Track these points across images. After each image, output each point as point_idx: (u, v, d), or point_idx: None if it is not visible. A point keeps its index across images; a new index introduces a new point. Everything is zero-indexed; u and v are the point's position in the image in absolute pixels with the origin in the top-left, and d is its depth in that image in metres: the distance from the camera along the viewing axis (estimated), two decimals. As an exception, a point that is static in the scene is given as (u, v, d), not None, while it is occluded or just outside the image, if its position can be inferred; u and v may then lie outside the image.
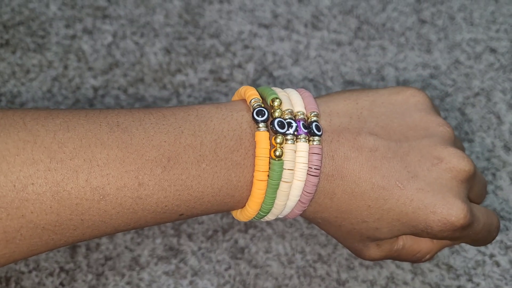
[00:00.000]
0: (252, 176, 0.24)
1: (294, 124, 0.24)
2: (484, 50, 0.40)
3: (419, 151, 0.26)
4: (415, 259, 0.28)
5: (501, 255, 0.33)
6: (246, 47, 0.39)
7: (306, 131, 0.24)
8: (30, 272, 0.31)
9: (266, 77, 0.38)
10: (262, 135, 0.24)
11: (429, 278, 0.32)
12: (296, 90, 0.26)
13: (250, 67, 0.39)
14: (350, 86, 0.38)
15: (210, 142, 0.24)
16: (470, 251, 0.33)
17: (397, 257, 0.28)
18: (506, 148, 0.37)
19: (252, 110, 0.24)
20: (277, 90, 0.26)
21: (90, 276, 0.31)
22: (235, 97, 0.27)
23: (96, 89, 0.37)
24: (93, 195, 0.22)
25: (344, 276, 0.32)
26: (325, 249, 0.32)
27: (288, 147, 0.24)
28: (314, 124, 0.25)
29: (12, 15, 0.39)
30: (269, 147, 0.24)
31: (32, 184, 0.21)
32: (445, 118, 0.38)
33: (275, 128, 0.24)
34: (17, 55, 0.38)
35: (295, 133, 0.24)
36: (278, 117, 0.24)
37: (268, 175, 0.24)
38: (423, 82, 0.39)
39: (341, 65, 0.39)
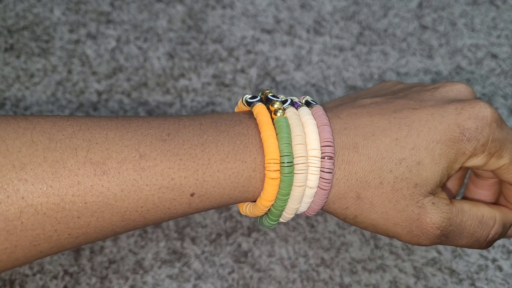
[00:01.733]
0: (260, 141, 0.23)
1: (289, 100, 0.24)
2: (485, 56, 0.41)
3: (416, 92, 0.26)
4: (482, 234, 0.26)
5: (504, 259, 0.33)
6: (249, 52, 0.40)
7: (301, 103, 0.25)
8: (34, 275, 0.31)
9: (269, 82, 0.39)
10: (260, 107, 0.24)
11: (432, 283, 0.32)
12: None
13: (253, 72, 0.39)
14: (352, 90, 0.39)
15: (209, 123, 0.24)
16: (473, 255, 0.33)
17: (461, 226, 0.25)
18: (508, 153, 0.37)
19: (244, 99, 0.25)
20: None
21: (94, 279, 0.31)
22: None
23: (100, 93, 0.37)
24: (94, 171, 0.21)
25: (347, 280, 0.32)
26: (328, 253, 0.33)
27: (290, 110, 0.24)
28: (309, 99, 0.25)
29: (16, 20, 0.40)
30: (269, 115, 0.23)
31: (31, 162, 0.21)
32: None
33: (269, 98, 0.24)
34: (21, 59, 0.38)
35: (293, 106, 0.24)
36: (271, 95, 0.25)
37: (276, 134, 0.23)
38: (425, 87, 0.39)
39: (343, 70, 0.40)
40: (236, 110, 0.27)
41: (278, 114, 0.23)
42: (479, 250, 0.33)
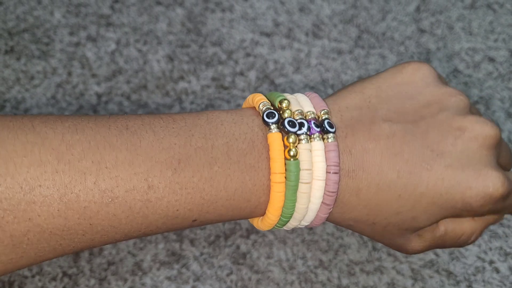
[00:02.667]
0: (268, 179, 0.23)
1: (306, 124, 0.23)
2: (482, 59, 0.41)
3: (438, 126, 0.24)
4: (461, 243, 0.27)
5: (501, 261, 0.33)
6: (248, 55, 0.40)
7: (318, 129, 0.23)
8: (33, 276, 0.31)
9: (268, 84, 0.39)
10: (275, 136, 0.23)
11: (429, 284, 0.32)
12: (303, 94, 0.26)
13: (252, 75, 0.39)
14: (350, 94, 0.39)
15: (221, 145, 0.23)
16: (470, 257, 0.33)
17: (441, 244, 0.27)
18: (505, 155, 0.37)
19: (262, 114, 0.23)
20: (284, 94, 0.25)
21: (93, 281, 0.31)
22: (244, 105, 0.26)
23: (99, 95, 0.37)
24: (101, 198, 0.21)
25: (345, 282, 0.32)
26: (326, 255, 0.33)
27: (303, 146, 0.23)
28: (326, 121, 0.24)
29: (17, 22, 0.40)
30: (283, 147, 0.23)
31: (39, 186, 0.21)
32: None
33: (286, 128, 0.23)
34: (21, 61, 0.38)
35: (308, 132, 0.23)
36: (288, 117, 0.23)
37: (285, 177, 0.23)
38: (423, 91, 0.39)
39: (342, 73, 0.40)
40: (244, 105, 0.26)
41: (291, 153, 0.23)
42: (476, 252, 0.33)
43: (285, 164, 0.23)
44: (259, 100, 0.24)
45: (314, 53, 0.40)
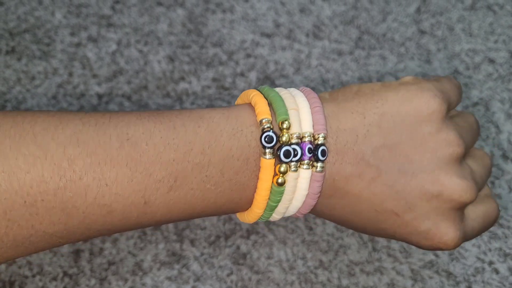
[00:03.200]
0: (254, 194, 0.25)
1: (299, 152, 0.24)
2: (482, 61, 0.41)
3: (421, 182, 0.25)
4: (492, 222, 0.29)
5: (500, 262, 0.33)
6: (248, 56, 0.40)
7: (310, 155, 0.24)
8: (34, 276, 0.31)
9: (268, 85, 0.39)
10: (267, 164, 0.24)
11: (429, 285, 0.32)
12: (304, 96, 0.25)
13: (253, 76, 0.39)
14: (351, 95, 0.39)
15: (218, 162, 0.24)
16: (470, 258, 0.33)
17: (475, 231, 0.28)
18: (505, 157, 0.37)
19: (261, 133, 0.24)
20: (284, 96, 0.25)
21: (93, 281, 0.31)
22: (241, 100, 0.26)
23: (100, 96, 0.37)
24: (100, 211, 0.22)
25: (345, 282, 0.32)
26: (326, 255, 0.33)
27: (291, 176, 0.24)
28: (320, 149, 0.24)
29: (18, 22, 0.40)
30: (272, 173, 0.24)
31: (42, 200, 0.21)
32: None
33: (281, 157, 0.24)
34: (22, 62, 0.38)
35: (300, 158, 0.24)
36: (285, 144, 0.24)
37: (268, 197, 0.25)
38: (423, 92, 0.39)
39: (342, 74, 0.40)
40: (238, 101, 0.27)
41: (279, 181, 0.24)
42: (476, 253, 0.33)
43: (271, 187, 0.24)
44: (262, 114, 0.24)
45: (314, 54, 0.40)
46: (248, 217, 0.26)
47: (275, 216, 0.26)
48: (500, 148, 0.37)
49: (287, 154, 0.24)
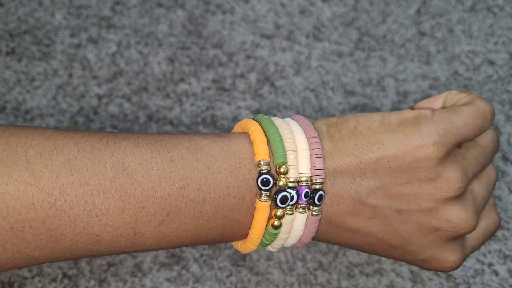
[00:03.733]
0: (248, 230, 0.25)
1: (295, 197, 0.24)
2: (482, 62, 0.41)
3: (418, 220, 0.25)
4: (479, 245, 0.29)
5: (500, 264, 0.33)
6: (248, 57, 0.40)
7: (306, 199, 0.24)
8: (33, 277, 0.31)
9: (268, 86, 0.39)
10: (263, 206, 0.23)
11: (429, 287, 0.32)
12: (304, 133, 0.25)
13: (252, 77, 0.39)
14: (350, 96, 0.39)
15: (213, 199, 0.23)
16: (469, 260, 0.33)
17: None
18: (505, 158, 0.37)
19: (257, 175, 0.23)
20: (284, 133, 0.24)
21: (92, 282, 0.31)
22: (240, 127, 0.26)
23: (100, 97, 0.38)
24: (88, 240, 0.22)
25: (344, 284, 0.32)
26: (325, 257, 0.33)
27: (287, 219, 0.24)
28: (317, 194, 0.24)
29: (18, 24, 0.40)
30: (267, 216, 0.24)
31: (30, 227, 0.21)
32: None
33: (277, 203, 0.23)
34: (22, 63, 0.38)
35: (296, 202, 0.24)
36: (282, 189, 0.23)
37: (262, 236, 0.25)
38: (423, 93, 0.39)
39: (342, 75, 0.40)
40: (236, 129, 0.26)
41: (275, 224, 0.24)
42: (476, 255, 0.33)
43: (265, 228, 0.24)
44: (260, 155, 0.24)
45: (314, 55, 0.41)
46: (242, 249, 0.26)
47: (270, 249, 0.26)
48: (500, 150, 0.37)
49: (284, 199, 0.23)
